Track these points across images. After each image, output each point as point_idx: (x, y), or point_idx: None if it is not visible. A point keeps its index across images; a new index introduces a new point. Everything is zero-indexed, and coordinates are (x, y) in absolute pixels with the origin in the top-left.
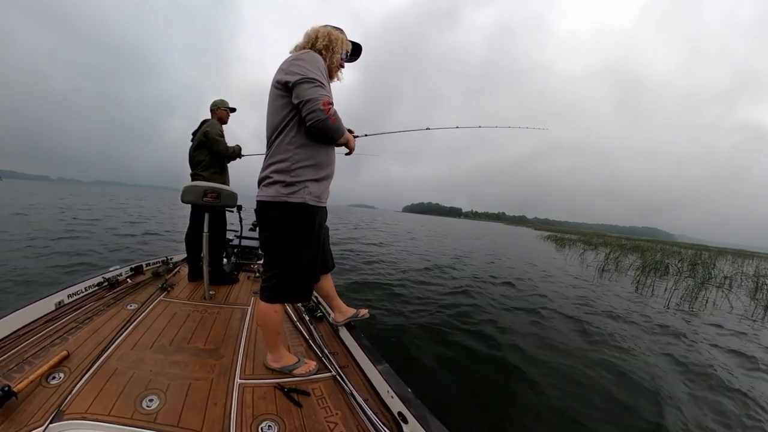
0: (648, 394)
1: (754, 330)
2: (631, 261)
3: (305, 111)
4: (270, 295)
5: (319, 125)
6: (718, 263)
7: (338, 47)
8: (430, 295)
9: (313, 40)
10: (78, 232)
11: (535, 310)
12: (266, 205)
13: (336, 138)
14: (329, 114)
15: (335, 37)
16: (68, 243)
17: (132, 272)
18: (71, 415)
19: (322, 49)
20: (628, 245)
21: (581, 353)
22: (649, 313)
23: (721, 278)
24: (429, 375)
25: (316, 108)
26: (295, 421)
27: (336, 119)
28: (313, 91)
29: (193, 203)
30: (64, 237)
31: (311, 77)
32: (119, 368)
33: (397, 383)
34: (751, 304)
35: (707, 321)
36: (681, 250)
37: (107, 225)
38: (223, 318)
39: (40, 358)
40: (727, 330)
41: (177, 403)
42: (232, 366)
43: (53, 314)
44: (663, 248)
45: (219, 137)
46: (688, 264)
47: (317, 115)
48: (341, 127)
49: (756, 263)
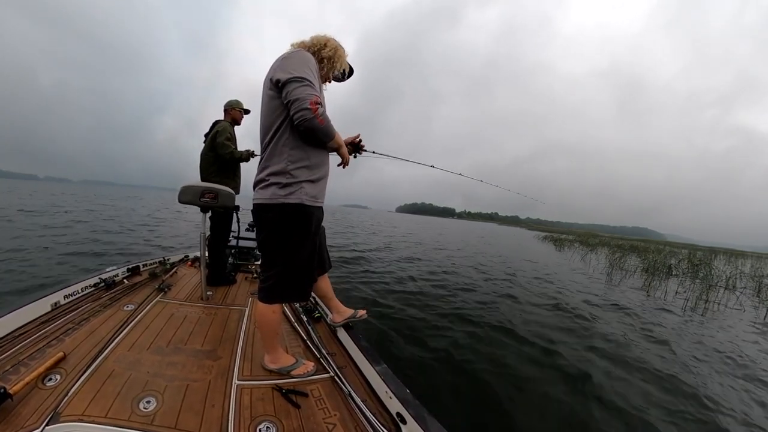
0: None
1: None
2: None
3: (293, 110)
4: (268, 295)
5: (306, 124)
6: (737, 265)
7: (339, 63)
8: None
9: (320, 46)
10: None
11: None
12: (263, 207)
13: (324, 139)
14: (316, 114)
15: (340, 54)
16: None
17: (129, 273)
18: (68, 417)
19: (325, 58)
20: (640, 247)
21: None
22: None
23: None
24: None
25: (303, 107)
26: (294, 423)
27: (324, 120)
28: (301, 90)
29: (191, 203)
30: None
31: (300, 76)
32: (116, 370)
33: (396, 384)
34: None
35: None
36: (680, 250)
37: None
38: (220, 319)
39: (36, 360)
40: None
41: (174, 405)
42: (229, 367)
43: (49, 315)
44: (672, 250)
45: (226, 141)
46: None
47: (304, 114)
48: (329, 129)
49: (751, 262)
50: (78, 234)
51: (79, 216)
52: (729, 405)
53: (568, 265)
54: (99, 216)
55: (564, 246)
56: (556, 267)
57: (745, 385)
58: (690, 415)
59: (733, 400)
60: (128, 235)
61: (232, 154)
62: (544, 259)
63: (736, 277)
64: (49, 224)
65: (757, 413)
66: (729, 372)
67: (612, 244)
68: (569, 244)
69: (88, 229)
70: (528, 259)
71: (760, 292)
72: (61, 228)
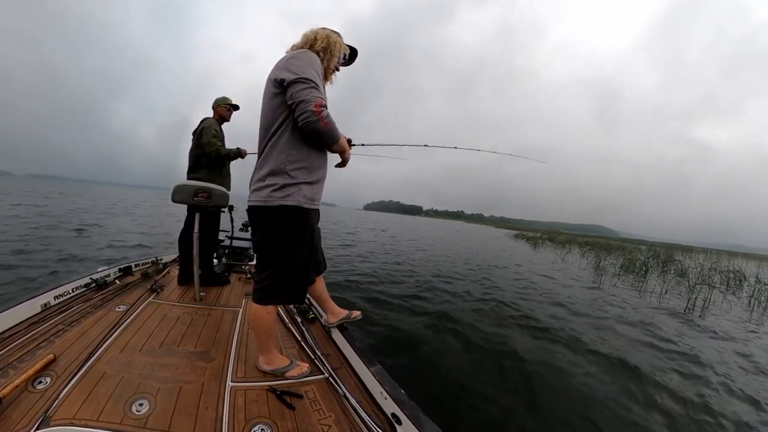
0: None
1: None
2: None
3: (297, 112)
4: (263, 296)
5: (310, 126)
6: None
7: (336, 50)
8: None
9: (311, 41)
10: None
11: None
12: (260, 208)
13: (328, 142)
14: (321, 116)
15: (334, 41)
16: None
17: (121, 273)
18: (58, 421)
19: (320, 51)
20: (614, 246)
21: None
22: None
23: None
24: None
25: (308, 109)
26: (288, 424)
27: (328, 122)
28: (306, 92)
29: (184, 202)
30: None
31: (306, 77)
32: (108, 372)
33: (391, 384)
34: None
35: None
36: (639, 247)
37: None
38: (214, 320)
39: (26, 362)
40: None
41: (168, 407)
42: (223, 369)
43: (39, 316)
44: (637, 248)
45: (212, 138)
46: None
47: (308, 116)
48: (333, 132)
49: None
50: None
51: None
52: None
53: (549, 265)
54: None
55: (538, 245)
56: (548, 271)
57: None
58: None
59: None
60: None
61: (217, 150)
62: (530, 265)
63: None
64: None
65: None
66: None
67: (579, 242)
68: (542, 242)
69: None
70: (523, 267)
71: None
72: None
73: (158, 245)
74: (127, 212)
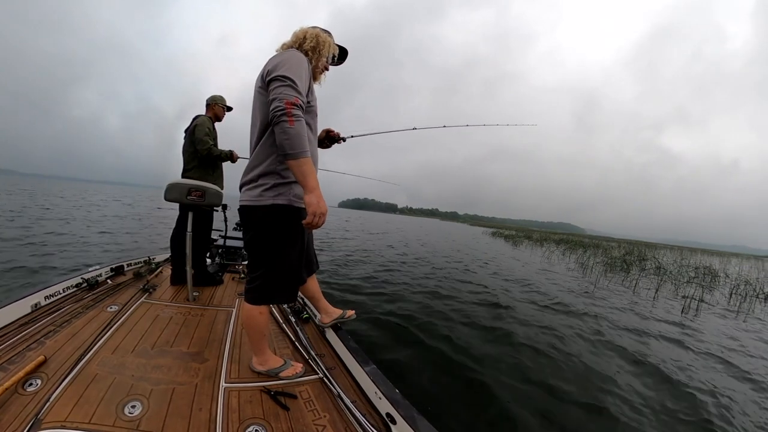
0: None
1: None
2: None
3: (270, 107)
4: (255, 296)
5: (276, 122)
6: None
7: (325, 50)
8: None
9: (300, 40)
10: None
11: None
12: (251, 208)
13: (285, 147)
14: (289, 113)
15: (323, 40)
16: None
17: (112, 273)
18: (50, 424)
19: (308, 50)
20: (587, 243)
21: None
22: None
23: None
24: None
25: (278, 106)
26: (283, 425)
27: (295, 122)
28: (281, 89)
29: (177, 201)
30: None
31: (285, 75)
32: (100, 373)
33: (385, 384)
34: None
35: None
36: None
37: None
38: (207, 320)
39: (16, 364)
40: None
41: (160, 409)
42: (217, 369)
43: (29, 317)
44: (609, 245)
45: (205, 137)
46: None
47: (275, 111)
48: (296, 138)
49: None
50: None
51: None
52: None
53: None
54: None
55: (517, 243)
56: (538, 271)
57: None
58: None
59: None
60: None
61: (209, 150)
62: (519, 267)
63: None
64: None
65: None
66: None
67: (555, 239)
68: (520, 240)
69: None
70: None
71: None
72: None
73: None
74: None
